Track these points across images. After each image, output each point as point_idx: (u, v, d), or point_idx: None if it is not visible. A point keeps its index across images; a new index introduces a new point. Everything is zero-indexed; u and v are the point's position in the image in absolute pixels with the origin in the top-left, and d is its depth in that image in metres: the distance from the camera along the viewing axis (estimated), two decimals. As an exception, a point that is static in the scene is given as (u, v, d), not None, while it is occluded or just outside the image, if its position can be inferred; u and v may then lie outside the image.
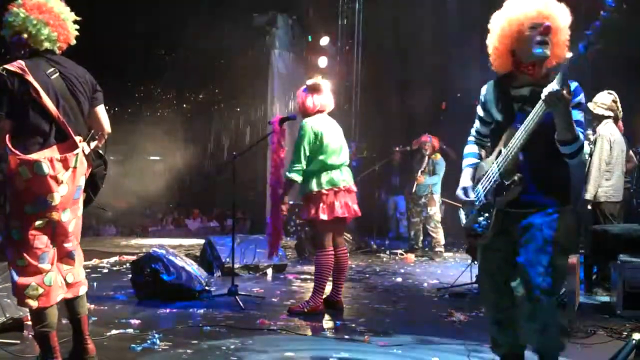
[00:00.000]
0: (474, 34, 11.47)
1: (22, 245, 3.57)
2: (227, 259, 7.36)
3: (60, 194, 3.59)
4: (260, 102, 14.07)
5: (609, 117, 6.67)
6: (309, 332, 5.10)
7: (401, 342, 4.71)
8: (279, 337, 4.87)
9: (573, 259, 5.91)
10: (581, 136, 3.15)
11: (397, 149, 12.28)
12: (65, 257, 3.78)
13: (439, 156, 10.09)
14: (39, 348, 3.70)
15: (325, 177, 5.67)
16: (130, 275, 6.44)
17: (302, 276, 7.84)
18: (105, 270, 7.90)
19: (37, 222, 3.58)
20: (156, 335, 4.61)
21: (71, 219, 3.73)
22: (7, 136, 3.52)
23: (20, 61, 3.58)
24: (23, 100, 3.53)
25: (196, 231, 13.68)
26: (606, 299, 6.27)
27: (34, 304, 3.57)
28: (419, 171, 10.03)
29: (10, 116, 3.54)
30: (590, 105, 6.78)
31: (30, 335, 4.53)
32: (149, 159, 14.32)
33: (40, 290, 3.57)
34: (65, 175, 3.60)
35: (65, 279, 3.74)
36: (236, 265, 7.00)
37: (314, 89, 5.84)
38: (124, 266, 8.15)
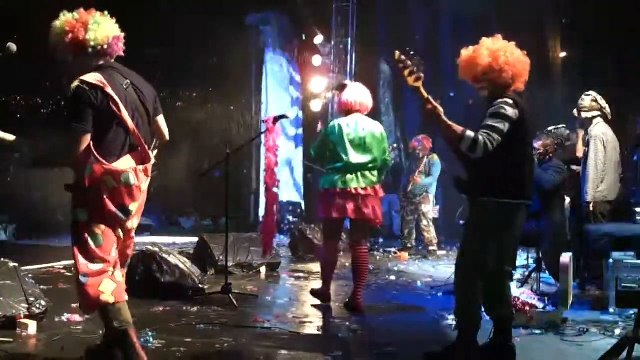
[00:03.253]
0: (468, 33, 11.50)
1: (100, 250, 3.58)
2: (221, 257, 7.35)
3: (138, 203, 3.67)
4: (253, 100, 14.05)
5: (597, 116, 6.63)
6: (303, 330, 5.10)
7: (395, 340, 4.72)
8: (272, 335, 4.87)
9: (566, 257, 5.93)
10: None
11: (391, 148, 12.29)
12: (123, 265, 3.85)
13: (435, 157, 10.14)
14: (120, 349, 3.58)
15: (327, 177, 5.78)
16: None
17: (296, 274, 7.84)
18: (99, 269, 7.87)
19: (118, 231, 3.64)
20: (150, 334, 4.60)
21: (136, 225, 3.80)
22: (92, 145, 3.51)
23: (96, 74, 3.57)
24: (104, 113, 3.54)
25: (190, 229, 13.65)
26: (600, 296, 6.28)
27: (110, 298, 3.55)
28: (416, 171, 10.06)
29: (92, 130, 3.54)
30: (575, 113, 6.77)
31: (24, 334, 4.53)
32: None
33: (114, 286, 3.57)
34: (145, 185, 3.69)
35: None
36: (230, 264, 6.99)
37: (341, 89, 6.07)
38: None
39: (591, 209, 6.51)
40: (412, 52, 3.95)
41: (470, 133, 3.85)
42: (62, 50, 3.68)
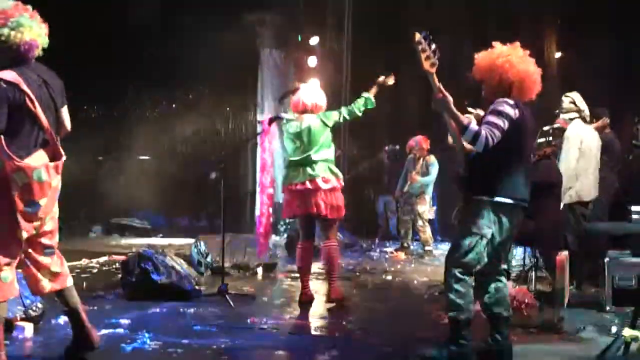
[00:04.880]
0: (465, 34, 11.51)
1: None
2: (217, 258, 7.35)
3: (48, 198, 3.68)
4: (249, 101, 14.03)
5: (575, 118, 6.61)
6: (300, 331, 5.10)
7: (392, 340, 4.72)
8: (269, 335, 4.87)
9: (562, 255, 5.94)
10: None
11: (387, 148, 12.30)
12: (43, 253, 3.84)
13: (432, 158, 10.13)
14: None
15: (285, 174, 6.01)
16: (120, 275, 6.42)
17: (293, 275, 7.82)
18: (95, 270, 7.87)
19: (20, 231, 3.62)
20: (146, 335, 4.60)
21: (50, 218, 3.80)
22: (3, 141, 3.50)
23: (11, 71, 3.56)
24: (19, 110, 3.54)
25: (186, 230, 13.63)
26: (596, 295, 6.29)
27: None
28: (413, 172, 10.06)
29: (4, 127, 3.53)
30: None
31: (20, 337, 4.52)
32: (138, 158, 14.24)
33: None
34: (55, 180, 3.71)
35: (50, 269, 3.84)
36: (226, 264, 6.98)
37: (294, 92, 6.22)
38: (114, 266, 8.12)
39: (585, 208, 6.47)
40: (431, 37, 3.92)
41: (474, 126, 3.91)
42: None
